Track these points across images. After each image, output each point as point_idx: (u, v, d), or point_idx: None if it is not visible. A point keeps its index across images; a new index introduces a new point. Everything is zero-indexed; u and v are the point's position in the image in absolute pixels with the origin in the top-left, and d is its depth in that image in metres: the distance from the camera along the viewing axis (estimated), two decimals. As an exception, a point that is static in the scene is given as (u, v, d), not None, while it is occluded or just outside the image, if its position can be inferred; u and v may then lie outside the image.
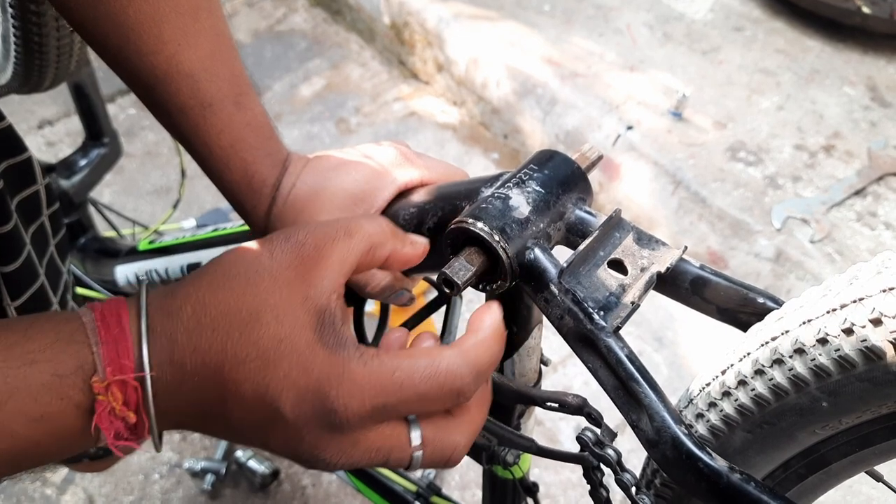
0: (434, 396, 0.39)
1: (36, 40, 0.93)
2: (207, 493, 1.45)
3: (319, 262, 0.40)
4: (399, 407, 0.39)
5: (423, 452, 0.41)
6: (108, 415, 0.36)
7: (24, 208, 0.70)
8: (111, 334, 0.37)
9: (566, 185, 0.50)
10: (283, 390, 0.37)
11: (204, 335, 0.37)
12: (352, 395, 0.37)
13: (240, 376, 0.37)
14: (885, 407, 0.38)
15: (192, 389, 0.38)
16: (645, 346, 1.68)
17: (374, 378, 0.38)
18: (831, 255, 1.60)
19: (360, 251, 0.42)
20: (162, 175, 2.16)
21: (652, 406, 0.42)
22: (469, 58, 2.18)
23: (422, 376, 0.39)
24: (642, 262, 0.48)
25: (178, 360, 0.37)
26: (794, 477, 0.47)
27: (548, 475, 1.48)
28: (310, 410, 0.37)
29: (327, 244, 0.41)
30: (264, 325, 0.37)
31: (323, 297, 0.39)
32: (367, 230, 0.43)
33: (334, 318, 0.39)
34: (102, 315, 0.37)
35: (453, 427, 0.43)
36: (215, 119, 0.53)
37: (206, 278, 0.40)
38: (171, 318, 0.38)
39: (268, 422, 0.38)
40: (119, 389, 0.36)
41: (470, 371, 0.40)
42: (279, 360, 0.37)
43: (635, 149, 1.86)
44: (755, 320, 0.45)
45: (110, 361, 0.36)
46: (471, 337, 0.42)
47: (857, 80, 2.00)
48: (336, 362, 0.37)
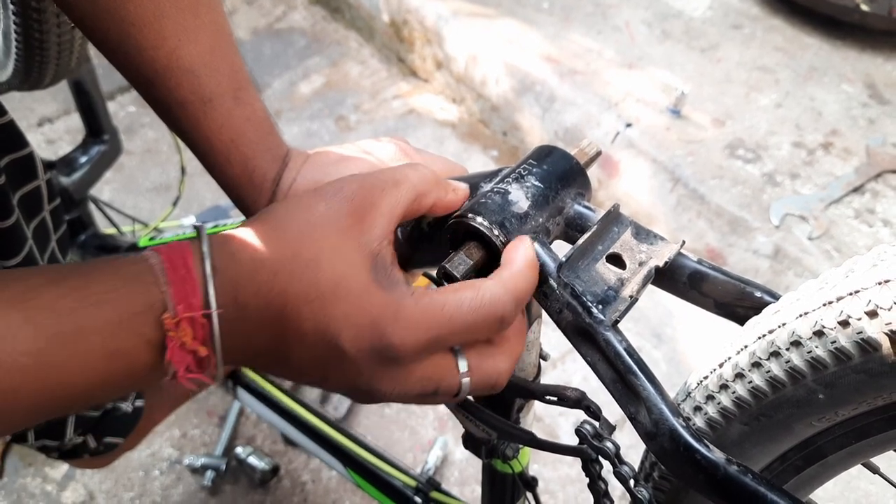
0: (481, 325, 0.42)
1: (37, 37, 0.93)
2: (207, 490, 1.45)
3: (371, 210, 0.43)
4: (449, 338, 0.42)
5: (469, 379, 0.44)
6: (179, 349, 0.38)
7: (25, 203, 0.71)
8: (178, 275, 0.39)
9: (565, 181, 0.50)
10: (343, 328, 0.40)
11: (265, 277, 0.40)
12: (407, 330, 0.40)
13: (301, 316, 0.40)
14: (881, 398, 0.39)
15: (255, 328, 0.41)
16: (644, 343, 1.69)
17: (427, 313, 0.41)
18: (829, 251, 1.60)
19: (407, 199, 0.45)
20: (162, 172, 2.16)
21: (650, 399, 0.43)
22: (468, 55, 2.19)
23: (469, 307, 0.42)
24: (640, 257, 0.48)
25: (242, 300, 0.40)
26: (791, 469, 0.48)
27: (547, 471, 1.48)
28: (367, 346, 0.40)
29: (376, 194, 0.44)
30: (323, 268, 0.40)
31: (375, 242, 0.42)
32: (412, 180, 0.46)
33: (386, 262, 0.42)
34: (169, 257, 0.40)
35: (496, 353, 0.46)
36: (215, 114, 0.54)
37: (260, 227, 0.42)
38: (234, 261, 0.40)
39: (329, 358, 0.41)
40: (188, 325, 0.38)
41: (511, 298, 0.43)
42: (338, 300, 0.40)
43: (634, 146, 1.86)
44: (752, 314, 0.45)
45: (180, 300, 0.38)
46: (507, 268, 0.44)
47: (856, 78, 2.00)
48: (390, 301, 0.41)
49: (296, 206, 0.44)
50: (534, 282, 0.45)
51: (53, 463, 1.49)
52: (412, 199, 0.45)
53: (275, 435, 1.54)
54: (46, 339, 0.36)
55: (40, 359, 0.36)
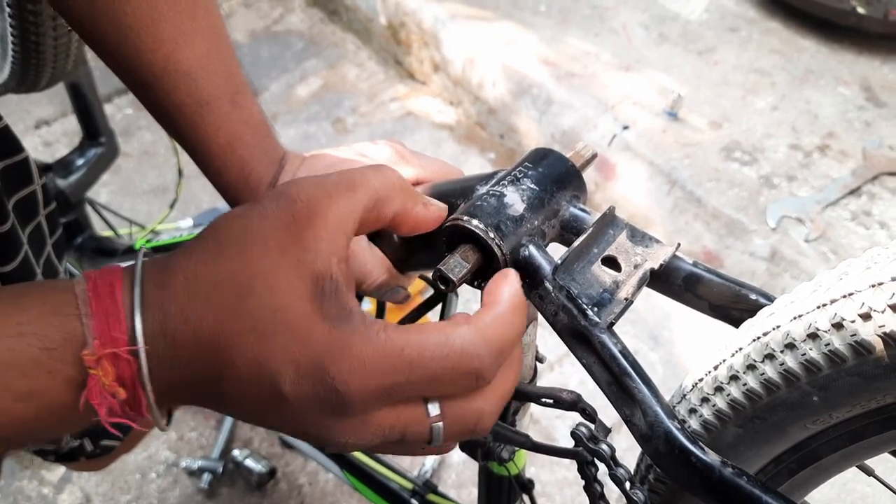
0: (448, 379, 0.35)
1: (33, 39, 0.93)
2: (204, 492, 1.45)
3: (314, 220, 0.36)
4: (408, 387, 0.35)
5: (442, 424, 0.37)
6: (100, 390, 0.34)
7: (21, 208, 0.71)
8: (102, 305, 0.34)
9: (560, 183, 0.50)
10: (280, 366, 0.34)
11: (196, 307, 0.35)
12: (354, 374, 0.34)
13: (235, 350, 0.34)
14: (875, 401, 0.39)
15: (187, 363, 0.35)
16: (641, 345, 1.69)
17: (381, 355, 0.34)
18: (826, 254, 1.60)
19: (363, 207, 0.38)
20: (159, 175, 2.16)
21: (645, 401, 0.43)
22: (465, 58, 2.19)
23: (433, 356, 0.35)
24: (636, 259, 0.48)
25: (171, 332, 0.35)
26: (785, 471, 0.48)
27: (544, 473, 1.48)
28: (310, 388, 0.34)
29: (323, 199, 0.36)
30: (257, 294, 0.34)
31: (319, 261, 0.35)
32: (372, 183, 0.39)
33: (336, 286, 0.35)
34: (95, 285, 0.35)
35: (475, 393, 0.38)
36: (212, 117, 0.54)
37: (198, 246, 0.37)
38: (164, 289, 0.35)
39: (267, 399, 0.35)
40: (110, 363, 0.34)
41: (489, 351, 0.36)
42: (275, 332, 0.34)
43: (631, 149, 1.86)
44: (747, 317, 0.45)
45: (100, 334, 0.34)
46: (488, 311, 0.38)
47: (852, 80, 2.01)
48: (337, 336, 0.34)
49: (234, 218, 0.37)
50: (521, 328, 0.39)
51: (50, 466, 1.48)
52: (369, 206, 0.38)
53: (272, 437, 1.54)
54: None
55: None
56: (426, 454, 0.40)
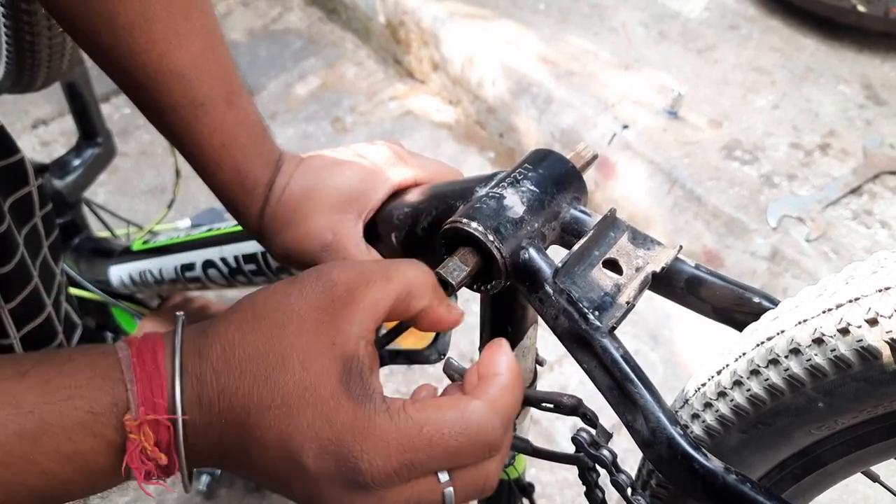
0: (466, 452, 0.37)
1: (27, 39, 0.92)
2: (203, 494, 1.44)
3: (350, 304, 0.38)
4: (428, 463, 0.37)
5: (453, 489, 0.39)
6: (139, 454, 0.35)
7: (16, 210, 0.70)
8: (146, 372, 0.36)
9: (561, 185, 0.50)
10: (305, 441, 0.36)
11: (231, 377, 0.36)
12: (377, 452, 0.35)
13: (263, 423, 0.36)
14: (881, 407, 0.38)
15: (218, 432, 0.37)
16: (641, 345, 1.68)
17: (402, 434, 0.36)
18: (827, 253, 1.60)
19: (395, 297, 0.40)
20: (156, 174, 2.15)
21: (647, 406, 0.42)
22: (464, 57, 2.18)
23: (451, 431, 0.36)
24: (637, 262, 0.47)
25: (207, 401, 0.36)
26: (789, 477, 0.47)
27: (544, 474, 1.48)
28: (332, 465, 0.36)
29: (361, 286, 0.39)
30: (290, 370, 0.36)
31: (351, 343, 0.37)
32: (407, 277, 0.41)
33: (362, 367, 0.37)
34: (139, 351, 0.37)
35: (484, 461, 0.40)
36: (207, 118, 0.53)
37: (237, 316, 0.39)
38: (202, 358, 0.37)
39: (290, 472, 0.37)
40: (151, 429, 0.35)
41: (501, 422, 0.38)
42: (303, 408, 0.36)
43: (631, 148, 1.85)
44: (751, 320, 0.45)
45: (144, 400, 0.35)
46: (494, 384, 0.40)
47: (853, 79, 2.00)
48: (361, 416, 0.36)
49: (274, 293, 0.39)
50: (521, 395, 0.41)
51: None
52: (402, 297, 0.40)
53: (271, 439, 1.53)
54: (7, 436, 0.33)
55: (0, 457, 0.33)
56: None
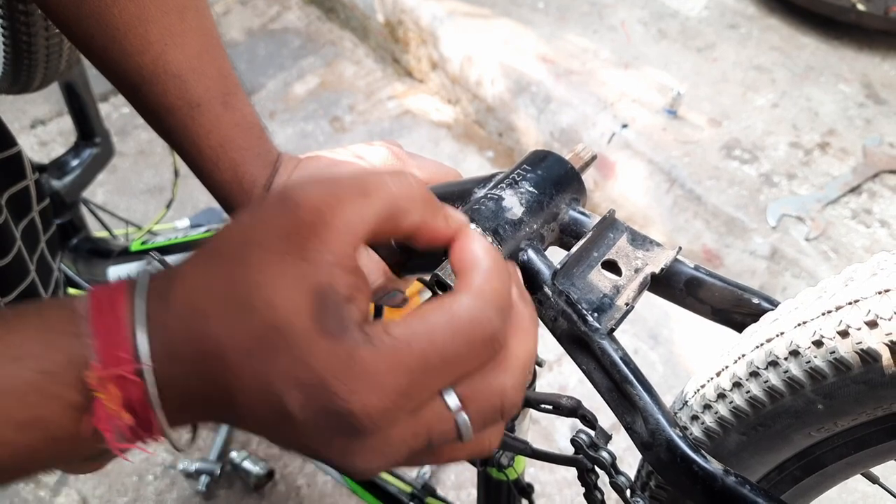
0: (466, 355, 0.32)
1: (25, 40, 0.92)
2: (202, 495, 1.44)
3: (320, 227, 0.32)
4: (428, 382, 0.32)
5: (467, 414, 0.33)
6: (107, 414, 0.31)
7: (14, 203, 0.70)
8: (104, 322, 0.32)
9: (560, 186, 0.50)
10: (287, 388, 0.31)
11: (197, 323, 0.32)
12: (369, 389, 0.30)
13: (239, 370, 0.32)
14: (880, 409, 0.38)
15: (196, 381, 0.33)
16: (640, 345, 1.68)
17: (391, 359, 0.31)
18: (827, 252, 1.60)
19: (377, 215, 0.33)
20: (155, 174, 2.15)
21: (646, 408, 0.42)
22: (463, 56, 2.18)
23: (444, 336, 0.31)
24: (636, 263, 0.47)
25: (174, 351, 0.32)
26: (789, 479, 0.47)
27: (543, 474, 1.48)
28: (322, 413, 0.31)
29: (332, 205, 0.32)
30: (256, 310, 0.31)
31: (322, 272, 0.32)
32: (390, 189, 0.34)
33: (337, 299, 0.32)
34: (97, 300, 0.33)
35: (492, 369, 0.34)
36: (203, 119, 0.53)
37: (200, 255, 0.34)
38: (165, 304, 0.33)
39: (280, 422, 0.32)
40: (116, 385, 0.31)
41: (495, 310, 0.33)
42: (276, 352, 0.31)
43: (630, 147, 1.85)
44: (750, 321, 0.45)
45: (103, 353, 0.31)
46: (475, 273, 0.34)
47: (852, 78, 2.00)
48: (341, 352, 0.31)
49: (236, 223, 0.34)
50: (509, 276, 0.35)
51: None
52: (385, 214, 0.34)
53: (270, 439, 1.53)
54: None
55: None
56: (466, 457, 0.36)
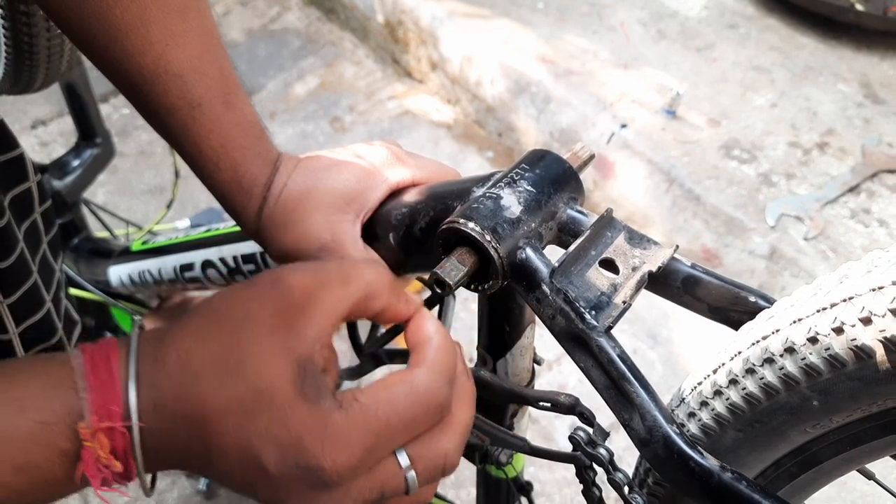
0: (421, 419, 0.38)
1: (26, 41, 0.92)
2: (202, 494, 1.44)
3: (307, 309, 0.37)
4: (389, 443, 0.37)
5: (415, 471, 0.39)
6: (94, 462, 0.35)
7: (16, 205, 0.70)
8: (100, 379, 0.35)
9: (558, 185, 0.50)
10: (264, 445, 0.35)
11: (187, 384, 0.36)
12: (338, 448, 0.35)
13: (221, 429, 0.36)
14: (875, 405, 0.38)
15: (177, 438, 0.37)
16: (639, 344, 1.68)
17: (359, 423, 0.36)
18: (825, 252, 1.60)
19: (353, 300, 0.39)
20: (156, 175, 2.16)
21: (643, 405, 0.42)
22: (463, 56, 2.18)
23: (405, 404, 0.37)
24: (634, 262, 0.47)
25: (162, 407, 0.36)
26: (785, 475, 0.47)
27: (543, 473, 1.48)
28: (294, 467, 0.36)
29: (319, 290, 0.38)
30: (244, 376, 0.36)
31: (305, 347, 0.37)
32: (366, 278, 0.40)
33: (315, 370, 0.37)
34: (92, 358, 0.36)
35: (437, 433, 0.40)
36: (204, 119, 0.53)
37: (193, 322, 0.38)
38: (157, 365, 0.36)
39: (253, 476, 0.37)
40: (106, 436, 0.35)
41: (445, 381, 0.39)
42: (259, 413, 0.35)
43: (629, 147, 1.86)
44: (747, 319, 0.45)
45: (98, 408, 0.35)
46: (427, 348, 0.40)
47: (851, 78, 2.00)
48: (317, 416, 0.36)
49: (231, 296, 0.39)
50: (455, 351, 0.42)
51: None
52: (361, 299, 0.40)
53: (270, 438, 1.54)
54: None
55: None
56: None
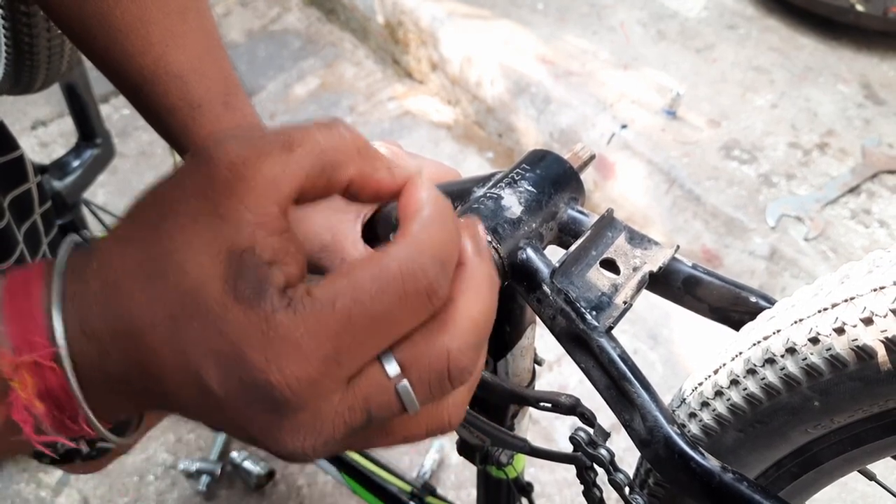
0: (398, 311, 0.28)
1: (26, 41, 0.92)
2: (202, 495, 1.45)
3: (237, 185, 0.29)
4: (357, 347, 0.28)
5: (408, 381, 0.30)
6: (23, 403, 0.29)
7: (16, 206, 0.70)
8: (16, 306, 0.29)
9: (558, 185, 0.50)
10: (201, 359, 0.28)
11: (113, 298, 0.29)
12: (286, 357, 0.27)
13: (155, 343, 0.29)
14: (876, 406, 0.38)
15: (116, 362, 0.30)
16: (640, 345, 1.68)
17: (312, 323, 0.27)
18: (826, 252, 1.60)
19: (303, 170, 0.30)
20: (156, 175, 2.14)
21: (644, 406, 0.42)
22: (463, 57, 2.18)
23: (371, 292, 0.28)
24: (635, 262, 0.47)
25: (91, 329, 0.30)
26: (786, 476, 0.47)
27: (543, 474, 1.48)
28: (239, 384, 0.28)
29: (251, 160, 0.29)
30: (169, 276, 0.29)
31: (241, 232, 0.28)
32: (317, 141, 0.30)
33: (256, 261, 0.28)
34: (12, 284, 0.30)
35: (434, 330, 0.30)
36: (204, 120, 0.53)
37: (119, 227, 0.31)
38: (79, 281, 0.30)
39: (202, 400, 0.29)
40: (30, 373, 0.29)
41: (432, 260, 0.29)
42: (188, 320, 0.28)
43: (629, 147, 1.86)
44: (748, 319, 0.45)
45: (17, 339, 0.29)
46: (412, 221, 0.30)
47: (851, 78, 2.00)
48: (255, 319, 0.27)
49: (151, 189, 0.31)
50: (454, 228, 0.31)
51: (47, 468, 1.48)
52: (314, 170, 0.30)
53: (270, 439, 1.53)
54: None
55: None
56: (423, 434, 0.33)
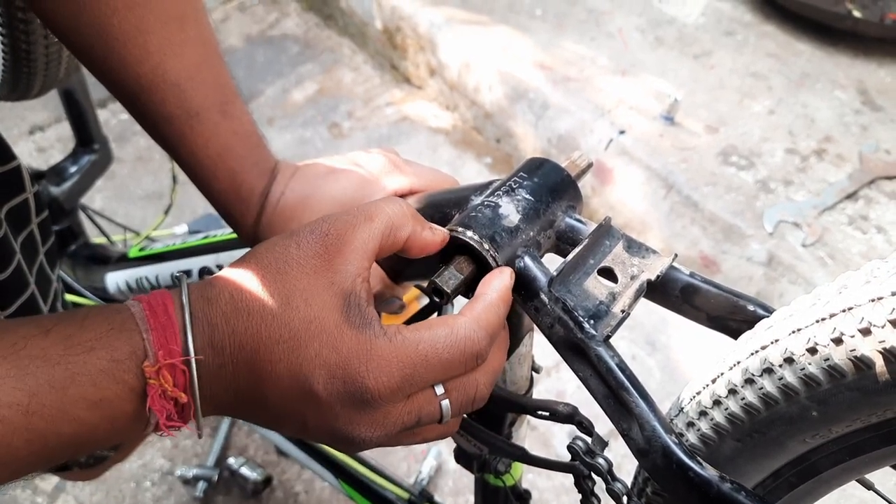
0: (456, 362, 0.42)
1: (24, 48, 0.92)
2: (199, 501, 1.44)
3: (342, 248, 0.42)
4: (425, 376, 0.42)
5: (448, 400, 0.44)
6: (159, 397, 0.39)
7: (13, 217, 0.70)
8: (158, 322, 0.39)
9: (556, 193, 0.50)
10: (314, 369, 0.40)
11: (240, 319, 0.40)
12: (381, 371, 0.40)
13: (273, 357, 0.40)
14: (875, 416, 0.38)
15: (232, 372, 0.41)
16: (638, 351, 1.68)
17: (401, 352, 0.41)
18: (823, 258, 1.60)
19: (380, 234, 0.44)
20: (154, 180, 2.15)
21: (642, 415, 0.42)
22: (461, 62, 2.18)
23: (444, 345, 0.42)
24: (632, 270, 0.47)
25: (218, 343, 0.40)
26: (784, 485, 0.47)
27: (541, 480, 1.48)
28: (341, 388, 0.40)
29: (349, 231, 0.43)
30: (294, 308, 0.40)
31: (348, 280, 0.42)
32: (386, 212, 0.45)
33: (360, 300, 0.42)
34: (150, 305, 0.40)
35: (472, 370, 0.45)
36: (202, 128, 0.53)
37: (241, 267, 0.43)
38: (211, 305, 0.41)
39: (303, 401, 0.41)
40: (169, 373, 0.39)
41: (485, 335, 0.43)
42: (310, 340, 0.40)
43: (627, 153, 1.86)
44: (746, 328, 0.45)
45: (160, 346, 0.39)
46: (480, 302, 0.44)
47: (848, 84, 2.01)
48: (363, 340, 0.40)
49: (273, 247, 0.44)
50: (505, 313, 0.46)
51: (43, 475, 1.47)
52: (386, 233, 0.44)
53: (267, 445, 1.53)
54: (38, 386, 0.36)
55: (31, 408, 0.36)
56: (435, 437, 0.47)
